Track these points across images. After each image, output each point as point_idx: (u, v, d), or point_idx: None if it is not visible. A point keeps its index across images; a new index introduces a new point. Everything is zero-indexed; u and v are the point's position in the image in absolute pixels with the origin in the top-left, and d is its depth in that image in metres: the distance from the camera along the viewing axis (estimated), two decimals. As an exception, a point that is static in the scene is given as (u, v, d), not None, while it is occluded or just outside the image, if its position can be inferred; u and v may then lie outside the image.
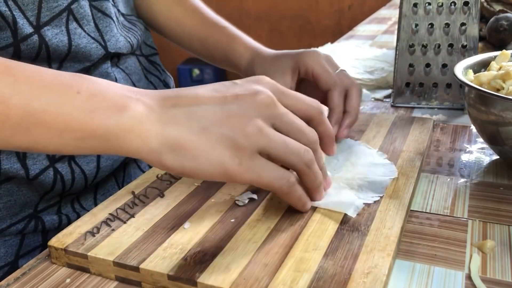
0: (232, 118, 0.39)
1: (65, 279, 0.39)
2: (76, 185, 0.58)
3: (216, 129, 0.38)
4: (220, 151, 0.38)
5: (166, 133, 0.38)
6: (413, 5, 0.71)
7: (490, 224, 0.44)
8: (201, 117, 0.39)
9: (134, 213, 0.45)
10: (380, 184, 0.47)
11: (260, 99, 0.40)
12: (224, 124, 0.38)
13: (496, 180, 0.52)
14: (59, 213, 0.59)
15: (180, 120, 0.39)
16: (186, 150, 0.38)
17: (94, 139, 0.38)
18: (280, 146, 0.39)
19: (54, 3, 0.53)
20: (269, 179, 0.39)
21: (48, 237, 0.58)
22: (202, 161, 0.38)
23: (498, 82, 0.51)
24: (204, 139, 0.38)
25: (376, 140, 0.57)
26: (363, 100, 0.77)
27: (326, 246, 0.39)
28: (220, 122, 0.38)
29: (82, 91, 0.38)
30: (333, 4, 2.76)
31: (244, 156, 0.38)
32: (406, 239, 0.43)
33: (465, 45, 0.71)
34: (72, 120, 0.37)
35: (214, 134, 0.38)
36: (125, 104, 0.38)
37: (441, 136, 0.63)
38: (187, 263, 0.38)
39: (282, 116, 0.40)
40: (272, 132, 0.39)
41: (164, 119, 0.38)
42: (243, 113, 0.39)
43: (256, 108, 0.39)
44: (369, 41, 1.14)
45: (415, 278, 0.38)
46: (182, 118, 0.39)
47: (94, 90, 0.38)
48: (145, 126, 0.38)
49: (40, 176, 0.55)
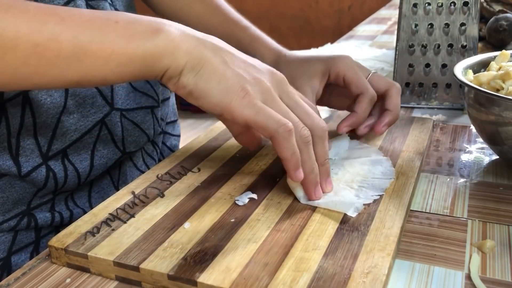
0: (250, 69, 0.44)
1: (65, 279, 0.39)
2: (69, 183, 0.58)
3: (235, 67, 0.43)
4: (231, 82, 0.42)
5: (195, 51, 0.43)
6: (413, 5, 0.71)
7: (489, 224, 0.44)
8: (226, 54, 0.44)
9: (134, 213, 0.45)
10: (379, 186, 0.47)
11: (276, 75, 0.46)
12: (242, 68, 0.44)
13: (496, 180, 0.52)
14: (52, 210, 0.59)
15: (208, 48, 0.43)
16: (204, 70, 0.42)
17: (135, 62, 0.42)
18: (281, 109, 0.44)
19: (49, 3, 0.52)
20: (266, 119, 0.42)
21: (41, 234, 0.59)
22: (213, 85, 0.42)
23: (497, 82, 0.51)
24: (223, 68, 0.43)
25: (376, 140, 0.58)
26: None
27: (326, 246, 0.39)
28: (240, 66, 0.44)
29: (119, 20, 0.42)
30: (333, 4, 2.76)
31: (249, 95, 0.42)
32: (406, 239, 0.43)
33: (465, 45, 0.71)
34: (115, 46, 0.41)
35: (232, 69, 0.43)
36: (159, 27, 0.42)
37: (441, 136, 0.63)
38: (187, 263, 0.38)
39: (289, 93, 0.46)
40: (277, 98, 0.44)
41: (195, 42, 0.43)
42: (261, 72, 0.45)
43: (271, 79, 0.45)
44: (369, 41, 1.14)
45: (414, 278, 0.38)
46: (210, 48, 0.43)
47: (130, 18, 0.43)
48: (178, 44, 0.42)
49: (32, 173, 0.55)
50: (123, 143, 0.62)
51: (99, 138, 0.59)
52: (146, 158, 0.69)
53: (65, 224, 0.59)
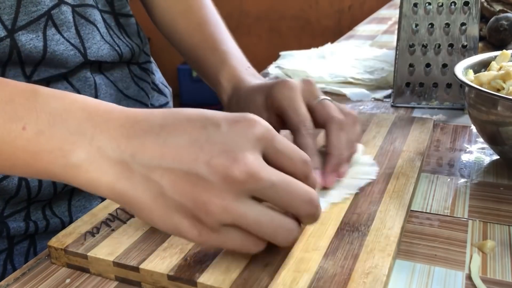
0: (195, 188, 0.33)
1: (65, 279, 0.39)
2: (44, 192, 0.55)
3: (176, 197, 0.33)
4: (177, 219, 0.34)
5: (118, 187, 0.34)
6: (413, 5, 0.71)
7: (490, 224, 0.44)
8: (159, 178, 0.33)
9: (134, 213, 0.45)
10: (354, 185, 0.47)
11: (234, 176, 0.32)
12: (185, 192, 0.33)
13: (496, 180, 0.52)
14: (27, 220, 0.56)
15: (136, 177, 0.34)
16: (140, 210, 0.34)
17: (44, 177, 0.36)
18: (253, 225, 0.34)
19: (33, 8, 0.51)
20: (234, 248, 0.35)
21: (14, 241, 0.56)
22: (158, 223, 0.34)
23: (498, 82, 0.51)
24: (160, 205, 0.33)
25: (376, 140, 0.57)
26: (363, 100, 0.77)
27: (326, 246, 0.39)
28: (180, 190, 0.33)
29: (28, 127, 0.35)
30: (333, 4, 2.76)
31: (205, 229, 0.33)
32: (406, 239, 0.42)
33: (465, 45, 0.71)
34: (16, 161, 0.35)
35: (173, 202, 0.33)
36: (71, 148, 0.34)
37: (441, 136, 0.63)
38: (187, 263, 0.38)
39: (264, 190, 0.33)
40: (242, 211, 0.33)
41: (117, 169, 0.34)
42: (210, 187, 0.32)
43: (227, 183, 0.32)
44: (369, 41, 1.14)
45: (415, 278, 0.38)
46: (137, 174, 0.34)
47: (43, 124, 0.35)
48: (92, 175, 0.34)
49: (3, 181, 0.52)
50: None
51: None
52: None
53: (40, 233, 0.57)
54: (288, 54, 0.99)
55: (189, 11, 0.69)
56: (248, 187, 0.33)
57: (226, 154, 0.33)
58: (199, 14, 0.69)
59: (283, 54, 0.99)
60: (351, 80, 0.83)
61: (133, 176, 0.34)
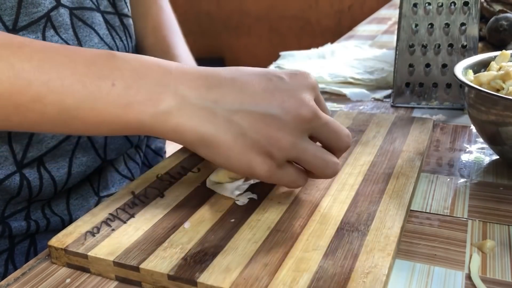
0: (270, 127, 0.39)
1: (65, 279, 0.39)
2: (45, 191, 0.55)
3: (253, 134, 0.39)
4: (252, 156, 0.39)
5: (202, 129, 0.39)
6: (413, 5, 0.71)
7: (490, 224, 0.44)
8: (240, 120, 0.39)
9: (134, 213, 0.45)
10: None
11: (303, 115, 0.39)
12: (261, 131, 0.39)
13: (496, 180, 0.52)
14: (28, 219, 0.56)
15: (218, 119, 0.39)
16: (220, 149, 0.39)
17: (130, 130, 0.39)
18: (310, 159, 0.41)
19: (33, 9, 0.51)
20: (287, 182, 0.42)
21: (15, 241, 0.57)
22: (233, 162, 0.40)
23: (498, 82, 0.51)
24: (240, 143, 0.39)
25: (376, 140, 0.58)
26: (362, 100, 0.77)
27: (326, 246, 0.39)
28: (258, 129, 0.39)
29: (117, 83, 0.38)
30: (333, 5, 2.76)
31: (274, 164, 0.40)
32: (406, 239, 0.43)
33: (465, 45, 0.71)
34: (106, 115, 0.38)
35: (250, 139, 0.39)
36: (160, 97, 0.38)
37: (441, 136, 0.63)
38: (187, 263, 0.38)
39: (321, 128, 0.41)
40: (305, 146, 0.40)
41: (202, 114, 0.39)
42: (283, 126, 0.39)
43: (297, 122, 0.39)
44: (369, 41, 1.14)
45: (415, 278, 0.38)
46: (221, 117, 0.39)
47: (129, 79, 0.38)
48: (180, 120, 0.39)
49: (5, 182, 0.53)
50: (105, 150, 0.60)
51: (78, 145, 0.57)
52: (128, 163, 0.67)
53: (41, 232, 0.58)
54: (288, 54, 0.99)
55: (147, 14, 0.72)
56: (312, 125, 0.40)
57: (294, 98, 0.39)
58: (155, 17, 0.72)
59: (283, 54, 0.99)
60: (351, 80, 0.83)
61: (216, 119, 0.39)
